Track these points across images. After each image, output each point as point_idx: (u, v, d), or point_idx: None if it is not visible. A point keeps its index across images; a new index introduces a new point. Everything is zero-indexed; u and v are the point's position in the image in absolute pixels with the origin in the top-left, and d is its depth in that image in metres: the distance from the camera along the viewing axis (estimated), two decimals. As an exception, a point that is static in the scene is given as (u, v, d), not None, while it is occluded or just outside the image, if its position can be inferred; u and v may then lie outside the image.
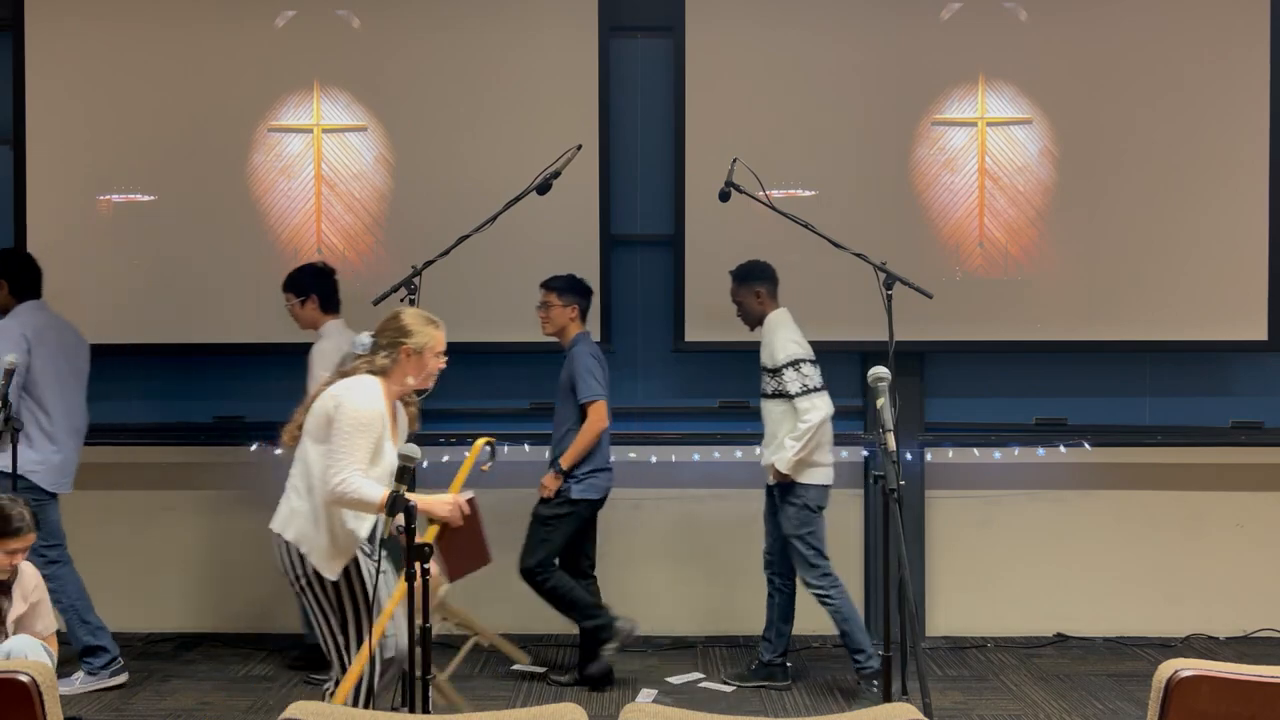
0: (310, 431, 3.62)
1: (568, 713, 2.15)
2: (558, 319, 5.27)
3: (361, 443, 3.51)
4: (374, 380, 3.61)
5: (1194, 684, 2.37)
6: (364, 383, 3.59)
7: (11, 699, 2.47)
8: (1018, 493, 6.10)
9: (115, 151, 5.96)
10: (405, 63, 5.93)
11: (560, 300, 5.26)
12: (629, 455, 5.94)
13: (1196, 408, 6.08)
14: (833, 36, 5.90)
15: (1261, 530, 6.09)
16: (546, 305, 5.29)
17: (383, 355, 3.66)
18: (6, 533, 3.91)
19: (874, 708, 2.30)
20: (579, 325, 5.30)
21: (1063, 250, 5.90)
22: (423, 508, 3.54)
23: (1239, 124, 5.86)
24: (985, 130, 5.91)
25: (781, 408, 5.03)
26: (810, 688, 5.26)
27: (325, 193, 5.96)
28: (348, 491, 3.48)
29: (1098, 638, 6.00)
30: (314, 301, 5.34)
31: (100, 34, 5.95)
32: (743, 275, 5.22)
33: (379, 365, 3.65)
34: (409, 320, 3.71)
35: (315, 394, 3.68)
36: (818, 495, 5.05)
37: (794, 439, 4.94)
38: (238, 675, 5.39)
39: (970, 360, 6.10)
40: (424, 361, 3.70)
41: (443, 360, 3.78)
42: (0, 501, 3.95)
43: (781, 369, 4.99)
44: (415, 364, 3.69)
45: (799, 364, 4.98)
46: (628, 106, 6.06)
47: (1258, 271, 5.84)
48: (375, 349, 3.68)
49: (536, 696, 5.15)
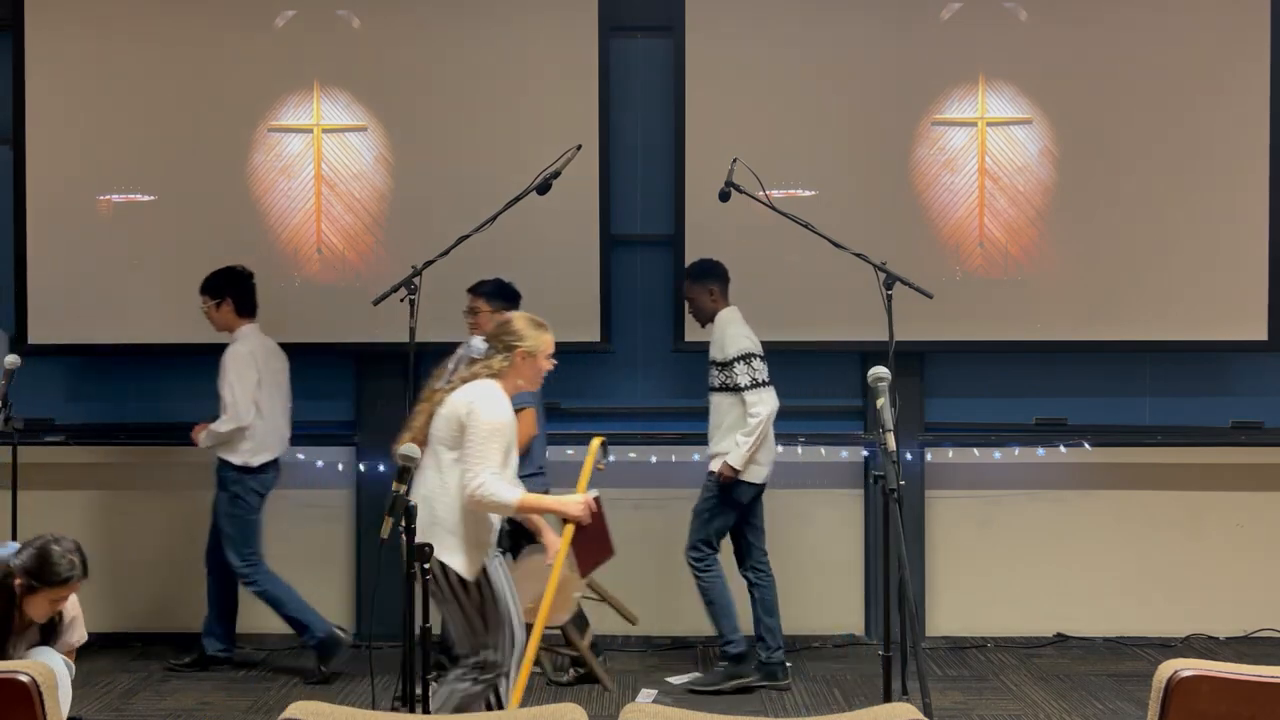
0: (443, 439, 3.75)
1: (568, 713, 2.15)
2: (487, 324, 5.10)
3: (495, 447, 3.68)
4: (496, 384, 3.78)
5: (1194, 684, 2.37)
6: (491, 388, 3.76)
7: (11, 699, 2.47)
8: (1018, 493, 6.10)
9: (115, 151, 5.95)
10: (405, 63, 5.93)
11: (489, 305, 5.11)
12: (629, 455, 5.94)
13: (1196, 408, 6.08)
14: (833, 36, 5.90)
15: (1261, 530, 6.09)
16: (474, 311, 5.16)
17: (499, 359, 3.82)
18: (55, 582, 3.69)
19: (874, 708, 2.30)
20: None
21: (1063, 250, 5.90)
22: (556, 509, 3.81)
23: (1239, 124, 5.86)
24: (985, 130, 5.91)
25: (729, 400, 5.13)
26: (810, 688, 5.26)
27: (325, 193, 5.96)
28: (486, 494, 3.63)
29: (1098, 638, 5.99)
30: (229, 304, 5.34)
31: (100, 34, 5.95)
32: (697, 273, 5.31)
33: (496, 368, 3.81)
34: (520, 325, 3.87)
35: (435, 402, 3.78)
36: (746, 491, 5.12)
37: (744, 434, 5.04)
38: (238, 675, 5.39)
39: (970, 360, 6.10)
40: (537, 363, 3.88)
41: (552, 362, 3.94)
42: (52, 549, 3.70)
43: (732, 362, 5.08)
44: (529, 366, 3.86)
45: (750, 358, 5.08)
46: (628, 106, 6.06)
47: (1258, 271, 5.84)
48: (490, 353, 3.84)
49: (537, 697, 5.15)
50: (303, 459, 5.82)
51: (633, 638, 5.38)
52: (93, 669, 5.28)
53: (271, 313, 5.65)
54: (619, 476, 5.48)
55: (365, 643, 5.57)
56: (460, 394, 3.75)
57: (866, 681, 5.27)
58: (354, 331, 5.81)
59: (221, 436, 5.23)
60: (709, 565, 5.17)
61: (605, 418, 6.06)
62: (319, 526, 6.01)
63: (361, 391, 6.04)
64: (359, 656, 5.49)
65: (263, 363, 5.33)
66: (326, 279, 5.93)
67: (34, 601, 3.70)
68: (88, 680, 5.15)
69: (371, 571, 5.48)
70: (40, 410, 5.88)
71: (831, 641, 5.95)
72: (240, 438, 5.24)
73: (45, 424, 5.88)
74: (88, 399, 5.66)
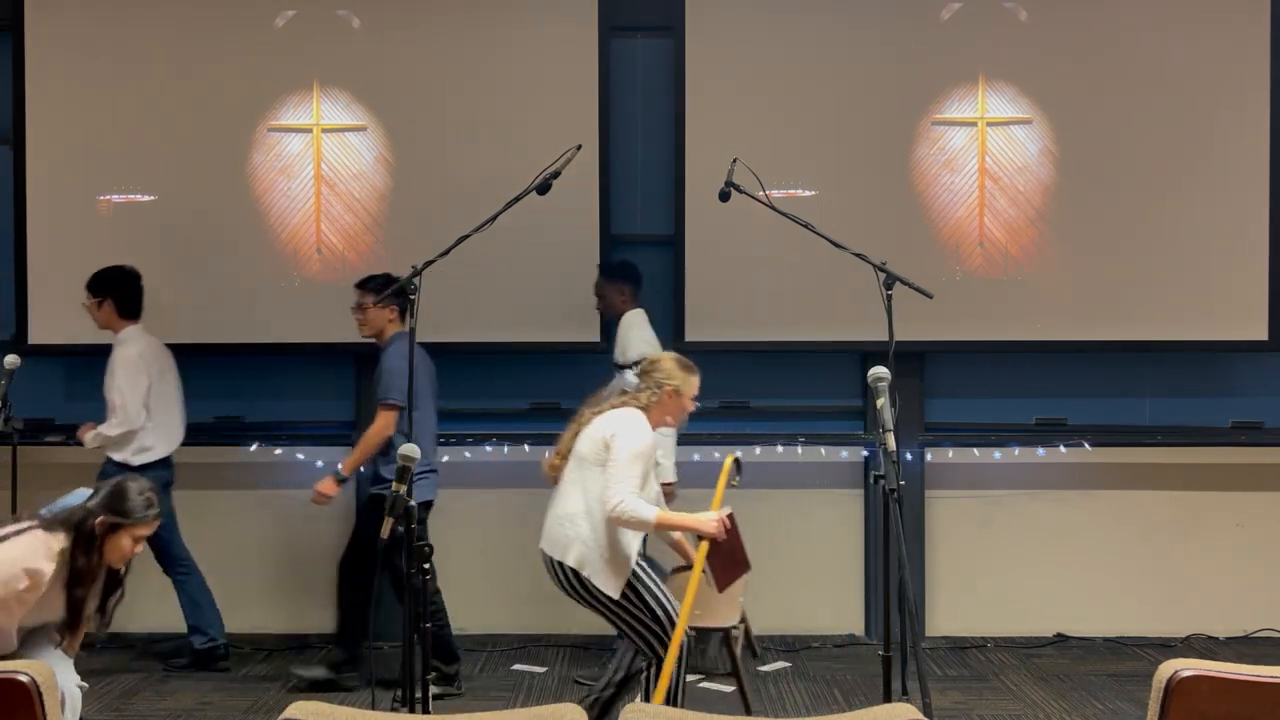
0: (588, 457, 4.00)
1: (568, 713, 2.15)
2: (375, 320, 5.14)
3: (638, 469, 3.91)
4: (642, 415, 4.05)
5: (1194, 684, 2.37)
6: (636, 416, 4.03)
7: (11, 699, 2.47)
8: (1018, 493, 6.10)
9: (115, 151, 5.95)
10: (405, 63, 5.93)
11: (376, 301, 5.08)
12: (629, 455, 5.93)
13: (1196, 408, 6.08)
14: (833, 36, 5.90)
15: (1261, 530, 6.09)
16: (361, 308, 5.14)
17: (647, 394, 4.11)
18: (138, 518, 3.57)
19: (874, 708, 2.30)
20: (398, 325, 5.15)
21: (1063, 250, 5.90)
22: (692, 526, 3.97)
23: (1239, 123, 5.86)
24: (985, 130, 5.91)
25: None
26: (810, 688, 5.26)
27: (325, 193, 5.96)
28: (626, 511, 3.84)
29: (1098, 638, 5.99)
30: (110, 304, 5.32)
31: (100, 34, 5.95)
32: (614, 273, 5.44)
33: (644, 402, 4.09)
34: (670, 365, 4.15)
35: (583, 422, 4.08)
36: None
37: None
38: (238, 675, 5.39)
39: (970, 360, 6.10)
40: (682, 402, 4.14)
41: (695, 404, 4.20)
42: (129, 485, 3.62)
43: (631, 366, 5.17)
44: (674, 404, 4.12)
45: None
46: (628, 106, 6.06)
47: (1258, 271, 5.84)
48: (640, 389, 4.14)
49: (536, 696, 5.15)
50: (303, 459, 5.82)
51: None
52: (93, 669, 5.28)
53: (272, 313, 5.65)
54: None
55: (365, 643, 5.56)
56: (607, 418, 4.03)
57: (866, 681, 5.27)
58: (354, 331, 5.78)
59: (110, 440, 5.24)
60: None
61: (605, 418, 6.05)
62: (319, 526, 6.01)
63: (361, 391, 6.03)
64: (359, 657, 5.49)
65: (151, 364, 5.32)
66: (326, 279, 5.93)
67: (116, 542, 3.56)
68: (87, 680, 5.14)
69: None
70: (40, 410, 5.89)
71: (831, 641, 5.95)
72: (128, 439, 5.23)
73: (45, 424, 5.88)
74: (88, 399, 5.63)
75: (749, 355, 5.94)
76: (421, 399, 5.12)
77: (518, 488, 5.99)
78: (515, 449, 5.97)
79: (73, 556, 3.51)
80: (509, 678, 5.40)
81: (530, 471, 5.92)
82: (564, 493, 4.03)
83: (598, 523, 3.92)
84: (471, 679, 5.32)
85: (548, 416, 5.96)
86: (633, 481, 3.89)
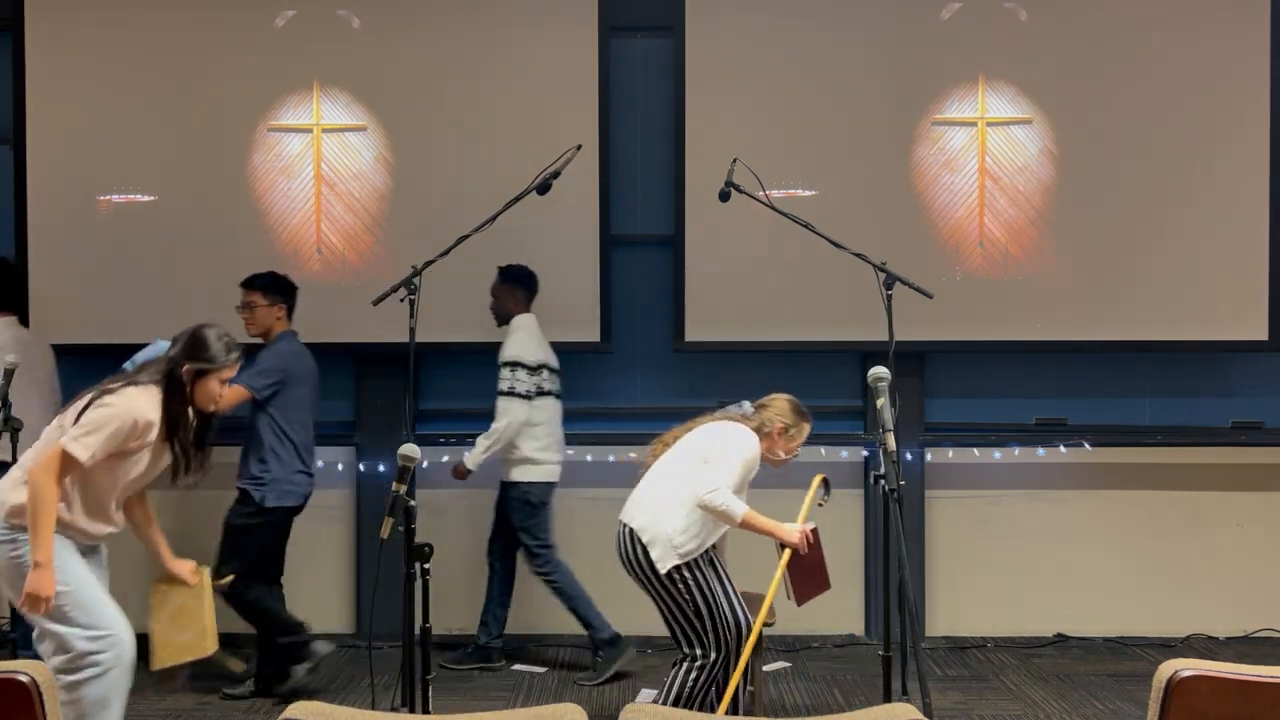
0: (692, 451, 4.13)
1: (568, 713, 2.15)
2: (263, 319, 5.07)
3: (739, 472, 4.04)
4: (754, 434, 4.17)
5: (1194, 684, 2.37)
6: (750, 433, 4.16)
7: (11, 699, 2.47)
8: (1018, 493, 6.10)
9: (115, 151, 5.95)
10: (405, 63, 5.93)
11: (265, 299, 5.05)
12: (630, 455, 5.93)
13: (1196, 408, 6.08)
14: (833, 36, 5.91)
15: (1261, 530, 6.09)
16: (251, 306, 5.06)
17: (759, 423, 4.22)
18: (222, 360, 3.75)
19: (874, 708, 2.30)
20: (285, 324, 5.12)
21: (1063, 250, 5.90)
22: (776, 533, 4.01)
23: (1239, 123, 5.86)
24: (985, 130, 5.91)
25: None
26: (810, 688, 5.26)
27: (325, 193, 5.96)
28: (718, 499, 3.92)
29: (1098, 638, 6.00)
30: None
31: (100, 34, 5.95)
32: (510, 277, 5.48)
33: (756, 425, 4.22)
34: (786, 407, 4.28)
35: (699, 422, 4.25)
36: (540, 491, 5.36)
37: (483, 438, 5.25)
38: (237, 675, 5.38)
39: (970, 360, 6.10)
40: (788, 445, 4.26)
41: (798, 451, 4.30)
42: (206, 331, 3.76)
43: (500, 365, 5.27)
44: (781, 442, 4.24)
45: (515, 367, 5.27)
46: (628, 106, 6.06)
47: (1258, 271, 5.84)
48: (755, 416, 4.25)
49: (536, 696, 5.16)
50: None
51: (632, 637, 5.38)
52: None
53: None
54: (620, 476, 5.48)
55: (365, 643, 5.57)
56: (724, 425, 4.19)
57: (866, 681, 5.27)
58: (354, 331, 5.81)
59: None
60: (554, 568, 5.36)
61: (605, 418, 6.07)
62: (319, 526, 6.00)
63: (361, 391, 6.04)
64: (359, 656, 5.50)
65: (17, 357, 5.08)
66: (326, 279, 5.93)
67: (205, 386, 3.73)
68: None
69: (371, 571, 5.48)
70: (40, 410, 5.88)
71: (831, 641, 5.96)
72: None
73: (45, 424, 5.88)
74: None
75: (749, 355, 5.93)
76: (304, 404, 5.10)
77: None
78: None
79: (167, 405, 3.66)
80: (509, 678, 5.40)
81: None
82: (654, 474, 4.18)
83: (674, 505, 4.02)
84: (472, 679, 5.32)
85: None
86: (732, 477, 3.99)
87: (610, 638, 5.28)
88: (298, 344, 5.13)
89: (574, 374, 5.86)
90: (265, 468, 4.98)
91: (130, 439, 3.56)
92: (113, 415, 3.52)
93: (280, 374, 4.99)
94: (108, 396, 3.57)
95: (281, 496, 5.01)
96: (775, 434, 4.21)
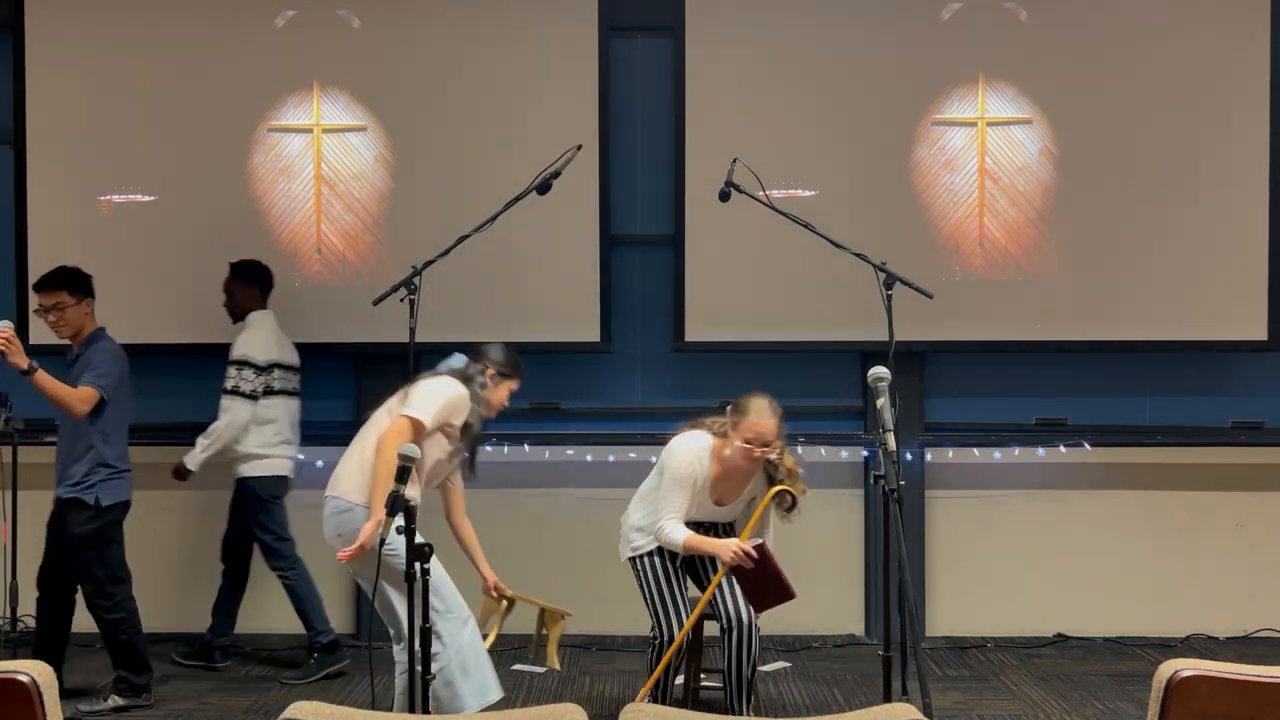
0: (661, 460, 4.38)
1: (568, 713, 2.15)
2: (75, 319, 4.84)
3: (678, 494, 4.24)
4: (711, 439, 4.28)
5: (1194, 684, 2.37)
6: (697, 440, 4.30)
7: (11, 699, 2.47)
8: (1018, 493, 6.10)
9: (115, 151, 5.96)
10: (405, 63, 5.94)
11: (73, 297, 4.82)
12: (629, 455, 5.94)
13: (1196, 408, 6.08)
14: (833, 36, 5.91)
15: (1261, 530, 6.09)
16: (60, 307, 4.81)
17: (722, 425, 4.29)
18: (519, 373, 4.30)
19: (874, 708, 2.30)
20: (94, 321, 4.92)
21: (1063, 250, 5.90)
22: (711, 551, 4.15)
23: (1239, 123, 5.86)
24: (985, 130, 5.91)
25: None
26: (810, 688, 5.26)
27: (325, 193, 5.96)
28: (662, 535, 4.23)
29: (1098, 638, 6.00)
30: None
31: (100, 34, 5.95)
32: (245, 273, 5.50)
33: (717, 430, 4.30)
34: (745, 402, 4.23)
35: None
36: (269, 485, 5.39)
37: (202, 437, 5.29)
38: (238, 675, 5.39)
39: (970, 360, 6.10)
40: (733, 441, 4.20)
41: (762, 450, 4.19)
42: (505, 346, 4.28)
43: (228, 363, 5.30)
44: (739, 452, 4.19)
45: (243, 365, 5.29)
46: (628, 106, 6.06)
47: (1258, 271, 5.84)
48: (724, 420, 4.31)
49: (536, 696, 5.16)
50: (303, 459, 5.80)
51: (632, 638, 5.38)
52: (93, 669, 5.29)
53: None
54: (620, 476, 5.48)
55: (365, 643, 5.57)
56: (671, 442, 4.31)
57: (866, 681, 5.27)
58: (354, 331, 5.81)
59: None
60: (289, 565, 5.40)
61: (605, 418, 6.07)
62: (319, 527, 5.99)
63: (361, 391, 6.02)
64: (359, 656, 5.50)
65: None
66: (326, 279, 5.93)
67: (498, 392, 4.17)
68: (88, 680, 5.16)
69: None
70: (40, 410, 5.87)
71: (831, 641, 5.96)
72: None
73: (45, 424, 5.88)
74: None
75: (749, 355, 5.94)
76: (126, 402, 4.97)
77: (519, 487, 5.99)
78: (515, 449, 5.97)
79: None
80: (509, 678, 5.39)
81: (531, 471, 5.94)
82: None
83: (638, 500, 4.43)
84: (471, 679, 5.31)
85: (548, 416, 5.97)
86: (674, 506, 4.20)
87: (330, 643, 5.35)
88: (113, 340, 4.93)
89: (574, 374, 5.86)
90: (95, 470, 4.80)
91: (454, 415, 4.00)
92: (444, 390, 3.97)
93: (119, 373, 4.83)
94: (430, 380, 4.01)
95: (117, 492, 4.83)
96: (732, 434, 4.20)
